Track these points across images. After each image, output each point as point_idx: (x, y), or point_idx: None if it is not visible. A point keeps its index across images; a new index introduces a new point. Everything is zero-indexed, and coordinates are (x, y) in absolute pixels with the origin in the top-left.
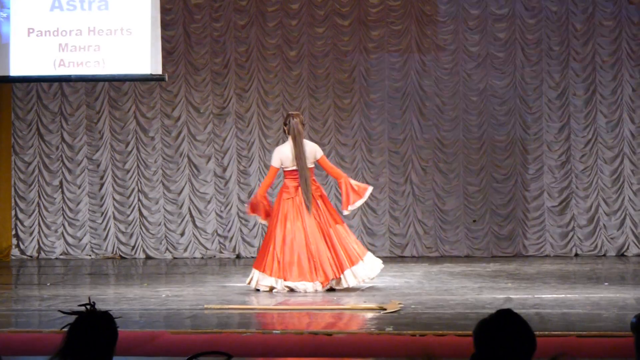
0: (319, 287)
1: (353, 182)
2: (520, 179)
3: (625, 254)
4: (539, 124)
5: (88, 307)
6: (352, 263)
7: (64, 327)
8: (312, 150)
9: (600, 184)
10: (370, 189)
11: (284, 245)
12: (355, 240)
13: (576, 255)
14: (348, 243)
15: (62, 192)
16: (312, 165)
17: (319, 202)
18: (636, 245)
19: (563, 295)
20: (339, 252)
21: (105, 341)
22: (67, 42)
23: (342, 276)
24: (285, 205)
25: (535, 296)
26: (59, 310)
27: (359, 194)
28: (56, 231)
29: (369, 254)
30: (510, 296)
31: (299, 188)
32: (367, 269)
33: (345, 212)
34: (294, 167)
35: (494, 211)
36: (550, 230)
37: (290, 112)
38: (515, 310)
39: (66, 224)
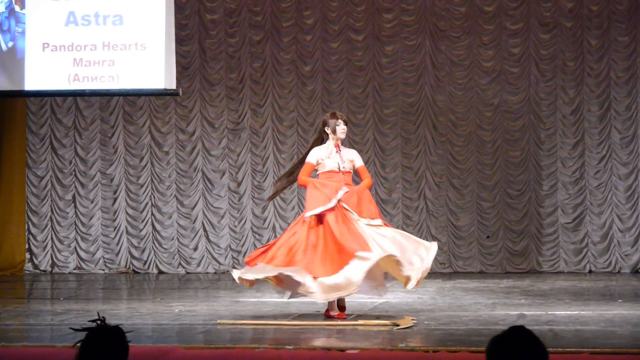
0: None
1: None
2: (534, 195)
3: (639, 271)
4: (553, 140)
5: (98, 322)
6: None
7: (76, 343)
8: None
9: (615, 200)
10: None
11: None
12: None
13: (590, 271)
14: None
15: (75, 207)
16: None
17: None
18: None
19: (577, 312)
20: None
21: (117, 356)
22: (82, 56)
23: None
24: None
25: (549, 313)
26: (70, 327)
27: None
28: (69, 246)
29: None
30: (524, 312)
31: None
32: None
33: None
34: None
35: (507, 227)
36: (564, 246)
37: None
38: (529, 327)
39: (79, 238)
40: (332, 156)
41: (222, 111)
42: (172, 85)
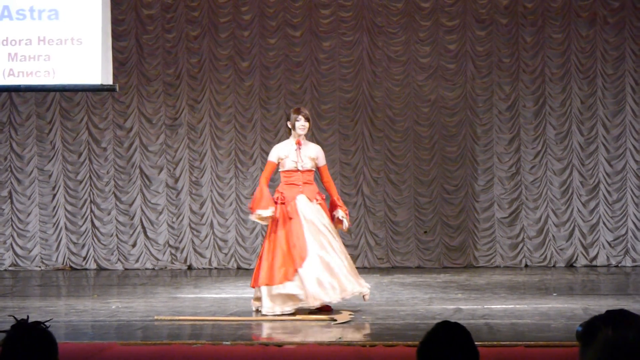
0: None
1: None
2: (470, 190)
3: (574, 264)
4: (489, 135)
5: (21, 321)
6: None
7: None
8: None
9: (550, 195)
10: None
11: None
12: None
13: (526, 266)
14: None
15: (12, 203)
16: None
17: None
18: (584, 256)
19: (512, 306)
20: None
21: (42, 353)
22: (17, 51)
23: None
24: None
25: (485, 307)
26: None
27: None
28: (5, 242)
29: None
30: (460, 307)
31: None
32: None
33: None
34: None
35: (444, 222)
36: (500, 241)
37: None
38: (465, 321)
39: (15, 235)
40: (291, 154)
41: (160, 107)
42: (109, 80)
